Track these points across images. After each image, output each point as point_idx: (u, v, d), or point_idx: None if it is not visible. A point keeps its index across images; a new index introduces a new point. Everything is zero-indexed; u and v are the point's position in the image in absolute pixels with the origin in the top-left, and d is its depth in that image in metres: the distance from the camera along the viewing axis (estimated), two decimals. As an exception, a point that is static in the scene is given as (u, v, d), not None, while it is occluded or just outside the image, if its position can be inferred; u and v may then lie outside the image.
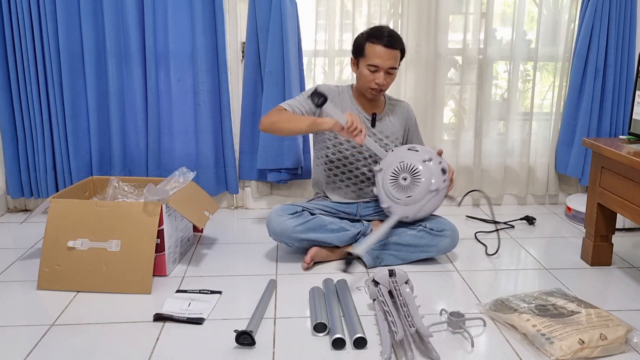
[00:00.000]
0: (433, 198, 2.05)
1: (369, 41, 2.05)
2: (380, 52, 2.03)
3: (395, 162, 2.09)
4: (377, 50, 2.03)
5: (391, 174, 2.08)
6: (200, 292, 1.88)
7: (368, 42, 2.05)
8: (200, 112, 2.59)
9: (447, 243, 2.10)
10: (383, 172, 2.11)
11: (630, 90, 2.70)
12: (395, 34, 2.09)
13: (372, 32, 2.08)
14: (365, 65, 2.06)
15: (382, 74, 2.05)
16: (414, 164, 2.05)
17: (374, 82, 2.06)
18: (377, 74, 2.05)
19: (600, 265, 2.12)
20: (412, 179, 2.04)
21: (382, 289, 1.68)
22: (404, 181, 2.05)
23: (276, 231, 2.06)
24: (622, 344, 1.53)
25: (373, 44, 2.04)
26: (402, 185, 2.05)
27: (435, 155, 2.08)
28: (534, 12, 2.78)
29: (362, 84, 2.11)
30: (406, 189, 2.05)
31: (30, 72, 2.46)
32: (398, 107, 2.27)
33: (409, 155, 2.09)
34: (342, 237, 2.11)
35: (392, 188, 2.07)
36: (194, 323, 1.67)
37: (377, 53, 2.03)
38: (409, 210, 2.06)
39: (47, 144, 2.55)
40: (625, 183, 1.90)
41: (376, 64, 2.03)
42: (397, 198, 2.06)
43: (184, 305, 1.77)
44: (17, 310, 1.75)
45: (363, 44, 2.07)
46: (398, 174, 2.07)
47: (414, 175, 2.04)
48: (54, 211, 1.92)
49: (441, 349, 1.52)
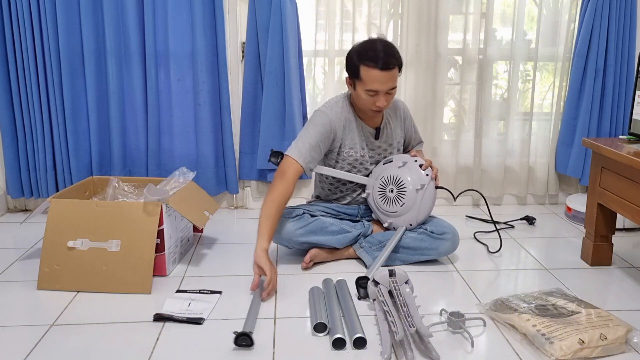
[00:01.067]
0: (424, 195, 2.07)
1: (363, 64, 1.90)
2: (377, 77, 1.89)
3: (377, 181, 2.13)
4: (373, 74, 1.89)
5: (378, 192, 2.13)
6: (201, 292, 1.88)
7: (362, 65, 1.90)
8: (200, 112, 2.59)
9: (448, 246, 2.10)
10: (372, 195, 2.16)
11: (630, 90, 2.70)
12: (389, 49, 1.92)
13: (364, 52, 1.91)
14: (362, 89, 1.93)
15: (382, 96, 1.93)
16: (393, 173, 2.10)
17: (375, 106, 1.96)
18: (377, 97, 1.93)
19: (600, 265, 2.12)
20: (397, 188, 2.08)
21: (382, 289, 1.68)
22: (391, 193, 2.09)
23: (277, 234, 2.06)
24: (622, 344, 1.53)
25: (368, 68, 1.89)
26: (391, 198, 2.09)
27: (408, 157, 2.13)
28: (534, 12, 2.78)
29: (362, 105, 2.00)
30: (397, 199, 2.08)
31: (30, 72, 2.46)
32: (395, 110, 2.21)
33: (385, 168, 2.14)
34: (342, 239, 2.10)
35: (385, 204, 2.11)
36: (194, 323, 1.67)
37: (374, 77, 1.89)
38: (409, 217, 2.09)
39: (47, 143, 2.56)
40: (625, 183, 1.90)
41: (375, 88, 1.91)
42: (393, 211, 2.10)
43: (184, 306, 1.77)
44: (17, 310, 1.75)
45: (357, 65, 1.91)
46: (384, 189, 2.11)
47: (397, 183, 2.08)
48: (54, 211, 1.92)
49: (441, 349, 1.52)
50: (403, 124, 2.25)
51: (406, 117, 2.26)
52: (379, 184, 2.12)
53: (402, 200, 2.07)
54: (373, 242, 2.11)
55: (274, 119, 2.60)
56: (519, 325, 1.60)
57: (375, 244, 2.11)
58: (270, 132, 2.61)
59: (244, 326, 1.61)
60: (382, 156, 2.19)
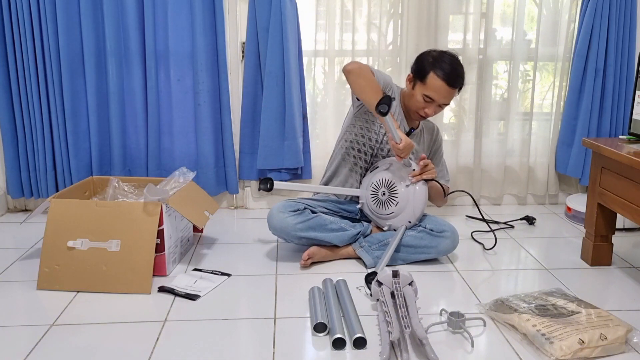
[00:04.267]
0: (416, 190, 2.08)
1: (434, 72, 2.01)
2: (440, 88, 2.01)
3: (368, 189, 2.15)
4: (438, 85, 2.01)
5: (371, 198, 2.14)
6: (213, 272, 2.02)
7: (433, 72, 2.01)
8: (200, 112, 2.59)
9: (447, 244, 2.10)
10: (366, 204, 2.18)
11: (630, 90, 2.70)
12: (460, 70, 2.06)
13: (440, 61, 2.02)
14: (421, 93, 2.05)
15: (434, 106, 2.05)
16: (381, 177, 2.12)
17: (424, 111, 2.07)
18: (429, 105, 2.05)
19: (600, 265, 2.12)
20: (388, 190, 2.10)
21: (385, 290, 1.68)
22: (384, 196, 2.10)
23: (276, 227, 2.07)
24: (622, 344, 1.53)
25: (437, 77, 2.01)
26: (384, 200, 2.11)
27: (393, 159, 2.14)
28: (534, 12, 2.78)
29: (412, 106, 2.11)
30: (390, 200, 2.10)
31: (30, 72, 2.46)
32: (429, 128, 2.33)
33: (374, 174, 2.16)
34: (341, 236, 2.11)
35: (380, 208, 2.12)
36: (189, 299, 1.81)
37: (437, 88, 2.01)
38: (406, 215, 2.10)
39: (47, 144, 2.56)
40: (625, 183, 1.90)
41: (433, 97, 2.03)
42: (389, 213, 2.11)
43: (190, 282, 1.92)
44: (17, 310, 1.75)
45: (427, 70, 2.02)
46: (376, 193, 2.12)
47: (387, 184, 2.10)
48: (54, 211, 1.92)
49: (441, 349, 1.52)
50: (432, 144, 2.33)
51: (436, 140, 2.34)
52: (371, 190, 2.14)
53: (396, 200, 2.08)
54: (373, 242, 2.12)
55: (274, 119, 2.60)
56: (519, 325, 1.60)
57: (375, 243, 2.11)
58: (270, 132, 2.62)
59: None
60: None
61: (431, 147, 2.34)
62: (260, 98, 2.63)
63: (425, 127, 2.31)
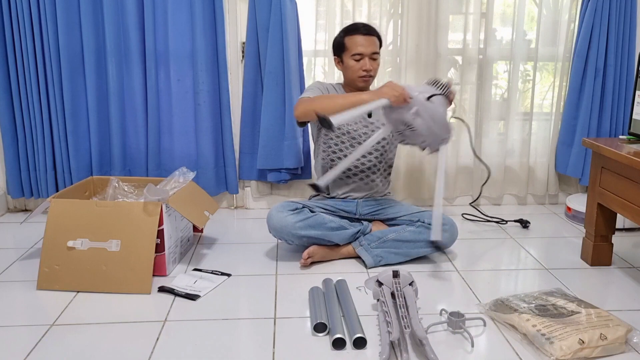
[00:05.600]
0: (434, 105, 1.92)
1: (347, 35, 2.16)
2: (360, 41, 2.14)
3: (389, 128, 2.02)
4: (357, 39, 2.14)
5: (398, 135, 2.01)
6: (213, 272, 2.02)
7: (347, 36, 2.16)
8: (200, 112, 2.59)
9: (447, 237, 2.10)
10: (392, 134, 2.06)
11: (630, 90, 2.70)
12: (369, 24, 2.21)
13: (348, 27, 2.20)
14: (349, 57, 2.15)
15: (367, 59, 2.14)
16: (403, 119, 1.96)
17: (361, 70, 2.14)
18: (362, 61, 2.14)
19: (600, 265, 2.12)
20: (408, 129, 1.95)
21: (385, 290, 1.68)
22: (408, 131, 1.96)
23: (276, 227, 2.07)
24: (622, 344, 1.53)
25: (352, 36, 2.15)
26: (409, 134, 1.97)
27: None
28: (534, 12, 2.78)
29: (351, 75, 2.18)
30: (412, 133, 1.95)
31: (30, 72, 2.46)
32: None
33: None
34: (341, 235, 2.11)
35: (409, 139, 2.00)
36: (189, 299, 1.82)
37: (357, 42, 2.14)
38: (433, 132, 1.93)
39: (47, 143, 2.56)
40: (625, 183, 1.90)
41: (359, 51, 2.13)
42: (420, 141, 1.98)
43: (190, 282, 1.92)
44: (17, 310, 1.75)
45: (342, 40, 2.18)
46: (401, 133, 1.99)
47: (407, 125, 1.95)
48: (54, 211, 1.92)
49: (441, 349, 1.52)
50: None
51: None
52: (395, 132, 2.01)
53: (417, 128, 1.93)
54: (372, 240, 2.12)
55: (274, 119, 2.60)
56: (519, 325, 1.60)
57: (374, 241, 2.11)
58: (270, 132, 2.61)
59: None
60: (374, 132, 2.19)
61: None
62: (260, 98, 2.63)
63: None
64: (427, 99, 1.92)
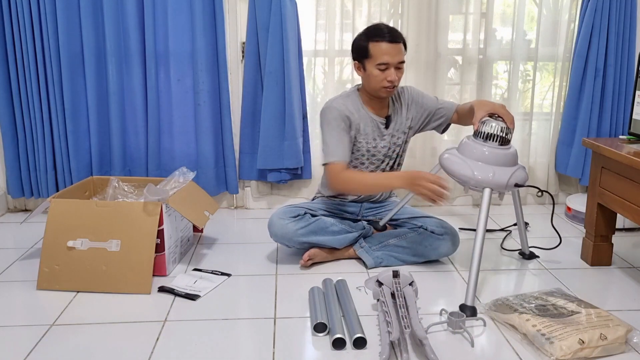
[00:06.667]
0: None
1: (372, 41, 1.98)
2: (387, 49, 1.97)
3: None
4: (383, 47, 1.96)
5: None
6: (213, 272, 2.02)
7: (371, 42, 1.98)
8: (200, 112, 2.59)
9: (448, 246, 2.10)
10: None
11: (630, 90, 2.70)
12: (394, 28, 2.03)
13: (372, 31, 2.01)
14: (374, 66, 1.99)
15: (393, 70, 1.98)
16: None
17: (387, 80, 1.99)
18: (388, 71, 1.98)
19: (600, 265, 2.12)
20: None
21: (385, 290, 1.68)
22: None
23: (277, 234, 2.06)
24: (622, 344, 1.53)
25: (377, 43, 1.97)
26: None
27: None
28: (534, 12, 2.78)
29: (374, 85, 2.02)
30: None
31: (30, 72, 2.46)
32: (400, 98, 2.17)
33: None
34: (343, 239, 2.10)
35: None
36: (189, 299, 1.82)
37: (384, 50, 1.97)
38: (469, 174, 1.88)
39: (47, 143, 2.56)
40: (625, 183, 1.90)
41: (385, 61, 1.97)
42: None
43: (190, 282, 1.92)
44: (17, 310, 1.75)
45: (366, 45, 2.00)
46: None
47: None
48: (54, 211, 1.92)
49: (441, 349, 1.52)
50: (410, 107, 2.17)
51: (411, 99, 2.18)
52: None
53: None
54: (373, 242, 2.12)
55: (274, 119, 2.60)
56: (519, 325, 1.60)
57: (375, 244, 2.11)
58: (270, 132, 2.61)
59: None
60: (393, 142, 2.13)
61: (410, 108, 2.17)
62: (260, 98, 2.63)
63: (398, 102, 2.16)
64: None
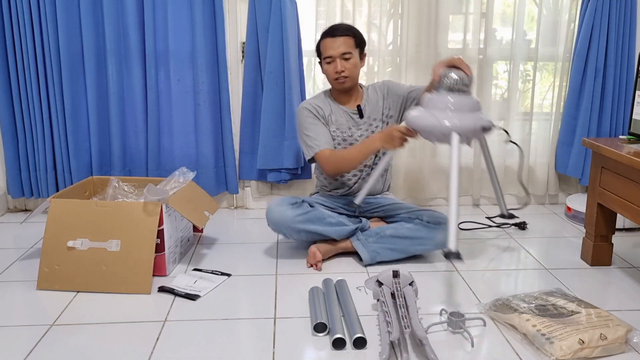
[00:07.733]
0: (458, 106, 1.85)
1: (320, 41, 2.18)
2: (329, 44, 2.13)
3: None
4: (326, 43, 2.14)
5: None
6: (213, 272, 2.02)
7: (320, 42, 2.18)
8: (200, 112, 2.59)
9: (444, 236, 2.10)
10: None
11: (630, 90, 2.70)
12: (341, 24, 2.21)
13: (322, 32, 2.19)
14: (324, 62, 2.17)
15: (338, 61, 2.12)
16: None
17: (334, 72, 2.13)
18: (334, 63, 2.13)
19: (600, 265, 2.12)
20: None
21: (385, 290, 1.68)
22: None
23: (275, 221, 2.07)
24: (622, 344, 1.53)
25: (322, 40, 2.17)
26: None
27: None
28: (534, 12, 2.78)
29: (329, 78, 2.19)
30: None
31: (30, 72, 2.46)
32: (375, 88, 2.25)
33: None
34: (340, 231, 2.11)
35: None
36: (189, 299, 1.82)
37: (327, 45, 2.14)
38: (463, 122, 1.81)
39: (47, 143, 2.56)
40: (625, 183, 1.90)
41: (329, 54, 2.13)
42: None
43: (190, 282, 1.92)
44: (17, 310, 1.75)
45: (318, 46, 2.19)
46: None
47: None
48: (54, 211, 1.92)
49: (441, 349, 1.52)
50: (387, 97, 2.23)
51: (387, 89, 2.23)
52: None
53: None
54: (369, 234, 2.12)
55: (274, 119, 2.60)
56: (519, 325, 1.60)
57: (371, 236, 2.12)
58: (270, 132, 2.62)
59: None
60: (371, 131, 2.21)
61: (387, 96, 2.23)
62: (260, 98, 2.63)
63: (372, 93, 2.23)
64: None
